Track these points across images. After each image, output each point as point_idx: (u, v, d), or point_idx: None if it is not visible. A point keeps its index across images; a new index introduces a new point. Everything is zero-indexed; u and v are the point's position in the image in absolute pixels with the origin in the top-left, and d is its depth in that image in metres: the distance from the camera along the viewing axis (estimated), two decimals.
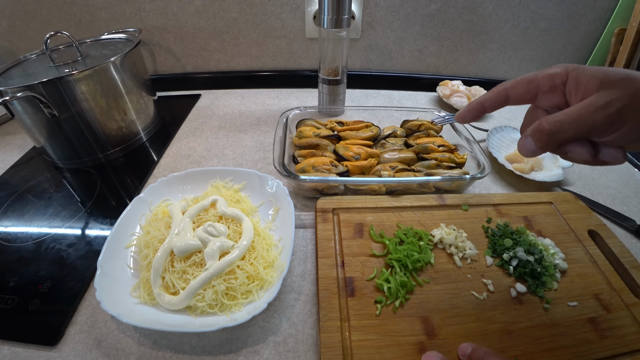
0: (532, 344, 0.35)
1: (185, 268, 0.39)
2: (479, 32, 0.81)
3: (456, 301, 0.39)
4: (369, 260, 0.43)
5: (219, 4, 0.79)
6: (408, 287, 0.39)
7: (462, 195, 0.52)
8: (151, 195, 0.50)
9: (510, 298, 0.39)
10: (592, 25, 0.78)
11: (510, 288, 0.40)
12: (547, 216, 0.50)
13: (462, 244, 0.44)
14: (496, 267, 0.43)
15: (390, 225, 0.47)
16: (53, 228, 0.51)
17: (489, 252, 0.44)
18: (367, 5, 0.78)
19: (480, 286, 0.41)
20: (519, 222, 0.49)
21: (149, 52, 0.86)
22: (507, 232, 0.46)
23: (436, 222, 0.48)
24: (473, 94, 0.80)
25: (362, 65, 0.89)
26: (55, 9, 0.79)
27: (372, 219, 0.48)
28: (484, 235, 0.47)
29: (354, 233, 0.46)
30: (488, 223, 0.48)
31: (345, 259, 0.43)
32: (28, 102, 0.55)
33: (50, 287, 0.42)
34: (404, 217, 0.49)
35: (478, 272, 0.42)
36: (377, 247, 0.44)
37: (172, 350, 0.37)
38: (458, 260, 0.43)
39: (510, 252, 0.43)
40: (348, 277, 0.40)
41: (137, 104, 0.68)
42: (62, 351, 0.37)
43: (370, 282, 0.40)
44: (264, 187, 0.52)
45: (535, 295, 0.40)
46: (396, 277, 0.40)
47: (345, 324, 0.36)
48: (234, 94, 0.88)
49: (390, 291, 0.38)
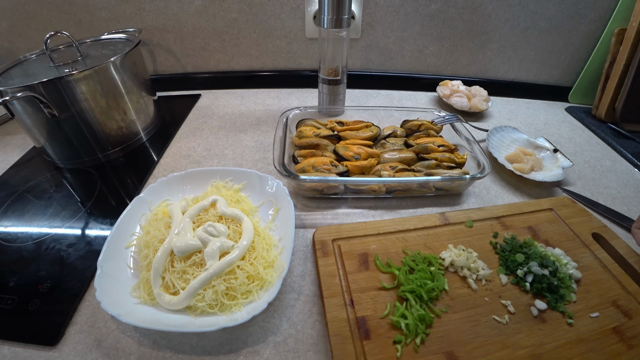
0: None
1: (185, 268, 0.39)
2: (479, 32, 0.81)
3: (478, 329, 0.36)
4: (380, 294, 0.39)
5: (219, 4, 0.79)
6: (427, 320, 0.36)
7: (465, 212, 0.50)
8: (151, 195, 0.50)
9: (532, 317, 0.38)
10: (592, 25, 0.78)
11: (530, 306, 0.39)
12: (550, 224, 0.49)
13: (474, 265, 0.42)
14: (512, 285, 0.41)
15: (396, 252, 0.44)
16: (53, 228, 0.51)
17: (502, 270, 0.42)
18: (367, 5, 0.78)
19: (500, 308, 0.39)
20: (524, 233, 0.48)
21: (149, 52, 0.86)
22: (516, 245, 0.45)
23: (443, 243, 0.46)
24: (473, 94, 0.80)
25: (362, 65, 0.89)
26: (55, 9, 0.79)
27: (376, 247, 0.45)
28: (493, 252, 0.45)
29: (359, 265, 0.42)
30: (495, 238, 0.47)
31: (354, 295, 0.39)
32: (28, 102, 0.55)
33: (50, 287, 0.42)
34: (409, 241, 0.46)
35: (495, 293, 0.40)
36: (386, 278, 0.41)
37: (172, 350, 0.37)
38: (473, 283, 0.41)
39: (524, 267, 0.42)
40: (360, 317, 0.37)
41: (137, 104, 0.68)
42: (62, 351, 0.37)
43: (385, 319, 0.37)
44: (264, 187, 0.52)
45: (556, 311, 0.38)
46: (412, 311, 0.37)
47: None
48: (234, 94, 0.88)
49: (409, 328, 0.35)
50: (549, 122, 0.79)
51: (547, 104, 0.87)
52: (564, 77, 0.86)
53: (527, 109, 0.84)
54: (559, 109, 0.84)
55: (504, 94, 0.88)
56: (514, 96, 0.89)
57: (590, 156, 0.68)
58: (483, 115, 0.80)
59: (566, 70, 0.85)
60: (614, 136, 0.73)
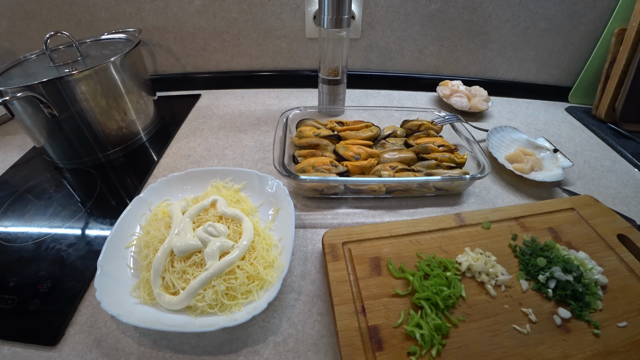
0: None
1: (185, 268, 0.39)
2: (479, 32, 0.81)
3: (498, 339, 0.34)
4: (393, 301, 0.37)
5: (219, 4, 0.79)
6: (443, 330, 0.34)
7: (481, 212, 0.48)
8: (151, 195, 0.50)
9: (555, 327, 0.35)
10: (592, 25, 0.78)
11: (553, 315, 0.36)
12: (572, 225, 0.46)
13: (493, 270, 0.40)
14: (533, 292, 0.39)
15: (409, 256, 0.42)
16: (53, 228, 0.51)
17: (522, 275, 0.40)
18: (367, 5, 0.78)
19: (521, 317, 0.36)
20: (545, 234, 0.45)
21: (149, 52, 0.86)
22: (537, 248, 0.42)
23: (459, 247, 0.43)
24: (473, 94, 0.80)
25: (362, 65, 0.89)
26: (55, 9, 0.79)
27: (389, 250, 0.43)
28: (512, 255, 0.43)
29: (371, 270, 0.40)
30: (514, 241, 0.44)
31: (366, 303, 0.37)
32: (28, 102, 0.55)
33: (50, 287, 0.42)
34: (423, 244, 0.44)
35: (515, 300, 0.38)
36: (399, 284, 0.39)
37: (172, 350, 0.37)
38: (491, 289, 0.38)
39: (546, 272, 0.39)
40: (372, 326, 0.35)
41: (137, 104, 0.68)
42: (62, 351, 0.37)
43: (398, 329, 0.35)
44: (264, 187, 0.52)
45: (581, 320, 0.36)
46: (428, 320, 0.35)
47: None
48: (234, 94, 0.88)
49: (424, 338, 0.33)
50: (549, 122, 0.79)
51: (547, 104, 0.87)
52: (564, 77, 0.86)
53: (527, 109, 0.84)
54: (559, 109, 0.84)
55: (504, 94, 0.88)
56: (514, 96, 0.89)
57: (590, 156, 0.68)
58: (483, 115, 0.80)
59: (566, 70, 0.85)
60: (614, 136, 0.73)
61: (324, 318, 0.39)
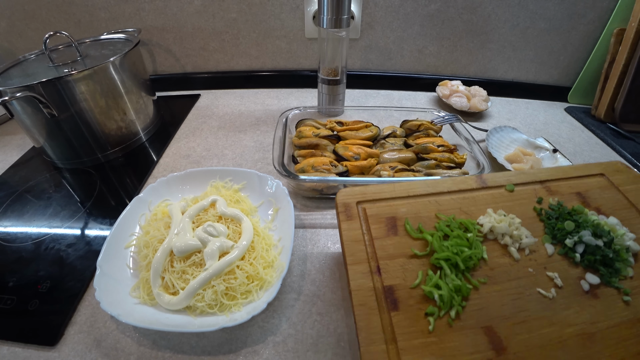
0: (620, 348, 0.30)
1: (184, 268, 0.39)
2: (478, 32, 0.81)
3: (521, 303, 0.33)
4: (410, 262, 0.35)
5: (218, 4, 0.79)
6: (463, 292, 0.32)
7: (504, 174, 0.45)
8: (151, 196, 0.50)
9: (582, 292, 0.33)
10: (591, 26, 0.78)
11: (580, 280, 0.34)
12: (602, 190, 0.43)
13: (517, 232, 0.37)
14: (559, 257, 0.36)
15: (428, 217, 0.40)
16: (52, 228, 0.51)
17: (547, 239, 0.38)
18: (367, 5, 0.78)
19: (546, 281, 0.34)
20: (572, 199, 0.42)
21: (149, 52, 0.86)
22: (564, 212, 0.39)
23: (480, 208, 0.41)
24: (472, 94, 0.80)
25: (362, 65, 0.89)
26: (54, 9, 0.78)
27: (406, 210, 0.40)
28: (537, 219, 0.40)
29: (387, 230, 0.38)
30: (539, 204, 0.41)
31: (381, 263, 0.35)
32: (27, 102, 0.55)
33: (50, 287, 0.42)
34: (443, 204, 0.41)
35: (540, 264, 0.36)
36: (417, 244, 0.37)
37: (171, 350, 0.37)
38: (515, 252, 0.36)
39: (574, 236, 0.37)
40: (387, 286, 0.33)
41: (136, 104, 0.68)
42: (61, 351, 0.37)
43: (416, 289, 0.33)
44: (263, 187, 0.52)
45: (610, 287, 0.34)
46: (447, 281, 0.33)
47: (392, 346, 0.29)
48: (234, 94, 0.88)
49: (443, 299, 0.32)
50: (549, 122, 0.79)
51: (547, 104, 0.87)
52: (563, 77, 0.87)
53: (526, 109, 0.84)
54: (558, 109, 0.84)
55: (504, 94, 0.88)
56: (514, 96, 0.89)
57: (589, 156, 0.68)
58: (482, 116, 0.80)
59: (565, 71, 0.85)
60: (613, 136, 0.73)
61: (324, 318, 0.40)
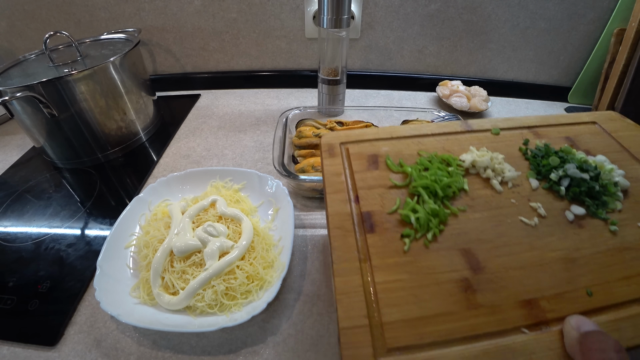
0: (604, 272, 0.29)
1: (184, 268, 0.39)
2: (478, 32, 0.81)
3: (502, 229, 0.32)
4: (389, 192, 0.35)
5: (218, 4, 0.79)
6: (441, 216, 0.32)
7: (491, 120, 0.44)
8: (151, 196, 0.50)
9: (567, 222, 0.32)
10: (591, 26, 0.78)
11: (565, 211, 0.33)
12: (593, 135, 0.41)
13: (499, 166, 0.36)
14: (544, 191, 0.35)
15: (410, 155, 0.39)
16: (52, 228, 0.51)
17: (532, 175, 0.37)
18: (367, 5, 0.78)
19: (529, 211, 0.33)
20: (561, 142, 0.41)
21: (149, 52, 0.86)
22: (550, 152, 0.38)
23: (464, 148, 0.40)
24: (472, 94, 0.80)
25: (362, 65, 0.89)
26: (54, 9, 0.78)
27: (388, 149, 0.40)
28: (522, 158, 0.39)
29: (368, 165, 0.38)
30: (525, 145, 0.40)
31: (360, 192, 0.35)
32: (27, 102, 0.55)
33: (50, 287, 0.42)
34: (425, 144, 0.40)
35: (523, 196, 0.35)
36: (398, 177, 0.36)
37: (171, 350, 0.37)
38: (497, 185, 0.35)
39: (559, 170, 0.36)
40: (365, 212, 0.33)
41: (136, 104, 0.68)
42: (61, 351, 0.37)
43: (393, 215, 0.33)
44: (263, 187, 0.52)
45: (596, 218, 0.33)
46: (425, 207, 0.32)
47: (365, 264, 0.30)
48: (234, 94, 0.88)
49: (420, 222, 0.31)
50: None
51: (547, 104, 0.87)
52: (563, 77, 0.87)
53: (526, 109, 0.84)
54: (558, 109, 0.84)
55: (504, 94, 0.88)
56: (514, 96, 0.89)
57: None
58: (482, 116, 0.80)
59: (566, 71, 0.85)
60: None
61: (324, 318, 0.40)
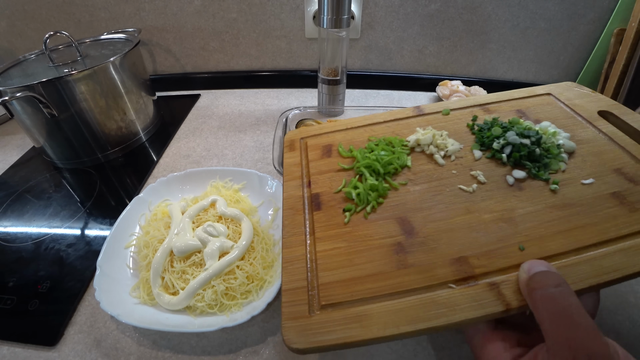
0: (540, 228, 0.30)
1: (184, 268, 0.39)
2: (478, 32, 0.81)
3: (440, 197, 0.34)
4: (337, 175, 0.39)
5: (218, 4, 0.79)
6: (380, 190, 0.35)
7: (444, 102, 0.46)
8: (151, 196, 0.50)
9: (507, 186, 0.34)
10: (591, 26, 0.78)
11: (506, 176, 0.34)
12: (545, 106, 0.42)
13: (441, 142, 0.38)
14: (487, 160, 0.37)
15: (361, 141, 0.42)
16: (52, 228, 0.51)
17: (476, 147, 0.38)
18: (367, 5, 0.78)
19: (469, 179, 0.35)
20: (511, 115, 0.41)
21: (149, 52, 0.86)
22: (496, 124, 0.39)
23: (413, 131, 0.42)
24: (472, 94, 0.80)
25: (362, 65, 0.89)
26: (54, 9, 0.78)
27: (341, 138, 0.44)
28: (469, 133, 0.40)
29: (322, 154, 0.42)
30: (473, 121, 0.42)
31: (312, 177, 0.39)
32: (27, 102, 0.55)
33: (50, 287, 0.42)
34: (377, 131, 0.44)
35: (465, 167, 0.36)
36: (346, 161, 0.40)
37: (171, 350, 0.37)
38: (440, 159, 0.37)
39: (500, 139, 0.37)
40: (314, 194, 0.37)
41: (136, 104, 0.68)
42: (61, 351, 0.37)
43: (339, 194, 0.36)
44: (263, 187, 0.52)
45: (537, 179, 0.34)
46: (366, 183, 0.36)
47: (310, 237, 0.33)
48: (234, 94, 0.88)
49: (360, 197, 0.34)
50: None
51: None
52: (563, 77, 0.86)
53: None
54: None
55: None
56: None
57: None
58: None
59: (565, 71, 0.85)
60: None
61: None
